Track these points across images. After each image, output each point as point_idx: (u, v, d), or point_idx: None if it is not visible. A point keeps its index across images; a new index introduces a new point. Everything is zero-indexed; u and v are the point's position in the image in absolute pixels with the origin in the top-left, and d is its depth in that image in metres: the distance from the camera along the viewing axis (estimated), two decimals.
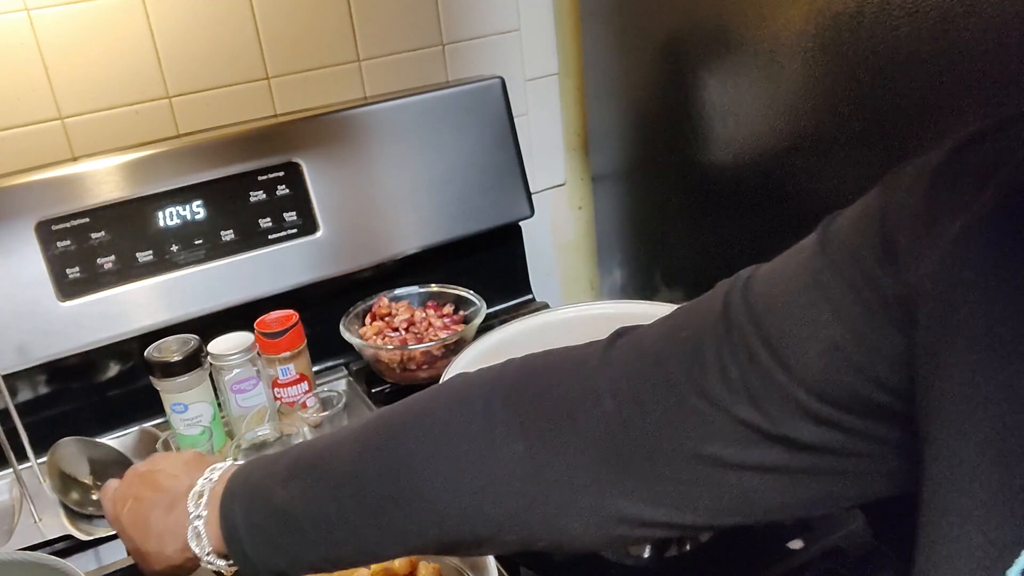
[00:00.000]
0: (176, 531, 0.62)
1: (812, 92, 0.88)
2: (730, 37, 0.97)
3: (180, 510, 0.62)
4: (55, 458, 0.93)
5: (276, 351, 1.00)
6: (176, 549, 0.62)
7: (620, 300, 0.98)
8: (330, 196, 1.13)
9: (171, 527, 0.62)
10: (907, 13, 0.76)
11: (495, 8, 1.28)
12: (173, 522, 0.62)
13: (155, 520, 0.64)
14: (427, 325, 1.12)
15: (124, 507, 0.67)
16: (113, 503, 0.69)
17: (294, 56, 1.16)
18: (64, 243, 1.01)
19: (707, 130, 1.05)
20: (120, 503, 0.68)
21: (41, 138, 1.05)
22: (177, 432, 0.95)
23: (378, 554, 0.60)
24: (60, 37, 1.02)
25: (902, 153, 0.80)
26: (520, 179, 1.26)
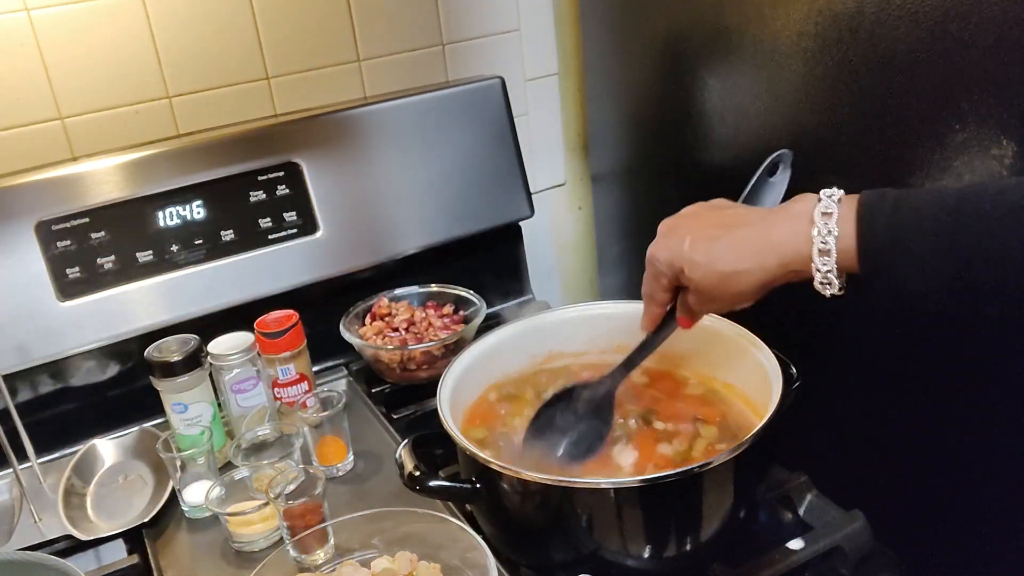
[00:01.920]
0: (783, 247, 0.67)
1: (812, 92, 0.88)
2: (730, 37, 0.97)
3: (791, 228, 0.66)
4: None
5: (276, 351, 1.00)
6: (779, 264, 0.67)
7: (620, 300, 0.98)
8: (330, 196, 1.13)
9: (775, 243, 0.67)
10: (907, 13, 0.76)
11: (495, 8, 1.28)
12: (779, 238, 0.67)
13: (750, 240, 0.69)
14: (427, 325, 1.12)
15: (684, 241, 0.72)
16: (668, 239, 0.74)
17: (294, 56, 1.16)
18: (64, 243, 1.01)
19: (707, 130, 1.05)
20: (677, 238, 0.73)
21: (41, 138, 1.05)
22: (177, 432, 0.95)
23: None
24: (60, 37, 1.02)
25: (902, 153, 0.80)
26: (520, 179, 1.26)
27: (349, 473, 0.96)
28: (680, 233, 0.73)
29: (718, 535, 0.76)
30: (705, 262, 0.70)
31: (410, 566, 0.76)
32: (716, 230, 0.71)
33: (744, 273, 0.69)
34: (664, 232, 0.76)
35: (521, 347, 0.96)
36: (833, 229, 0.64)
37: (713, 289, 0.71)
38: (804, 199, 0.68)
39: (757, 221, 0.70)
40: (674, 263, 0.73)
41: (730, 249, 0.70)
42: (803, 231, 0.66)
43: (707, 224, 0.73)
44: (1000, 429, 0.79)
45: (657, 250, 0.75)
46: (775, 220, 0.69)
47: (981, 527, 0.84)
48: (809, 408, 0.83)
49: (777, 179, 0.81)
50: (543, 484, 0.72)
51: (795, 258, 0.66)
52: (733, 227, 0.71)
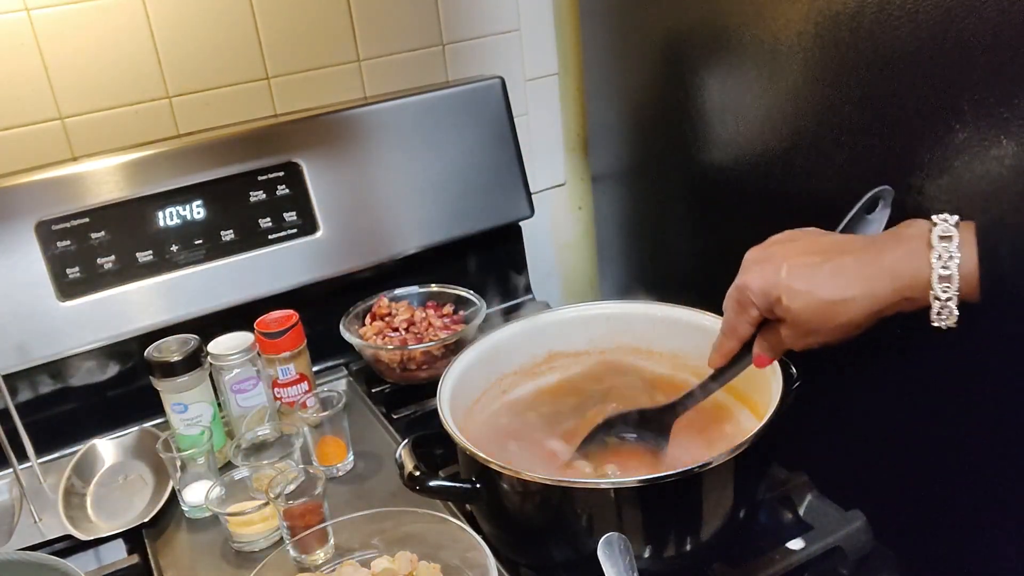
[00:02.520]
0: (897, 271, 0.62)
1: (812, 92, 0.88)
2: (730, 37, 0.97)
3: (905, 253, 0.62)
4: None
5: (276, 351, 1.00)
6: (892, 291, 0.63)
7: (620, 300, 0.98)
8: (330, 196, 1.13)
9: (887, 268, 0.63)
10: (907, 13, 0.76)
11: (495, 8, 1.28)
12: (892, 263, 0.63)
13: (857, 266, 0.64)
14: (427, 325, 1.12)
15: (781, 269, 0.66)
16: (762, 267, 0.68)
17: (294, 56, 1.16)
18: (64, 243, 1.01)
19: (707, 130, 1.05)
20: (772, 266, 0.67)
21: (41, 138, 1.05)
22: (177, 432, 0.95)
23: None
24: (60, 37, 1.02)
25: (902, 153, 0.80)
26: (520, 179, 1.26)
27: (349, 473, 0.96)
28: (775, 260, 0.68)
29: (718, 535, 0.76)
30: (806, 289, 0.65)
31: (410, 566, 0.76)
32: (817, 256, 0.66)
33: (851, 301, 0.64)
34: (755, 259, 0.70)
35: (521, 347, 0.96)
36: (955, 254, 0.60)
37: (813, 320, 0.66)
38: (915, 223, 0.64)
39: (864, 246, 0.66)
40: (770, 293, 0.68)
41: (835, 275, 0.65)
42: (920, 255, 0.61)
43: (805, 250, 0.68)
44: (1000, 429, 0.79)
45: (749, 279, 0.69)
46: (886, 244, 0.64)
47: (981, 527, 0.84)
48: (809, 408, 0.83)
49: (875, 217, 0.74)
50: (543, 484, 0.72)
51: (911, 284, 0.62)
52: (836, 253, 0.66)
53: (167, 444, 0.90)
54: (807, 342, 0.69)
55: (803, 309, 0.66)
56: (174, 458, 0.90)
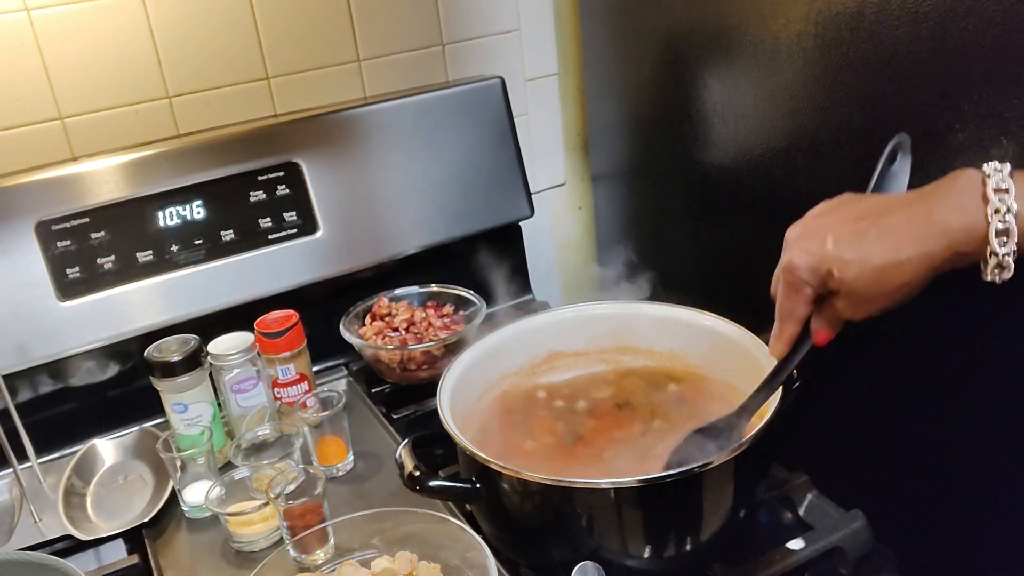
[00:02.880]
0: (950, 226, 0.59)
1: (812, 92, 0.88)
2: (730, 37, 0.97)
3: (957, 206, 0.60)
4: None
5: (276, 351, 1.00)
6: (946, 246, 0.60)
7: (620, 300, 0.98)
8: (330, 196, 1.13)
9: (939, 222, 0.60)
10: (907, 13, 0.76)
11: (495, 8, 1.28)
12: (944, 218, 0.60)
13: (906, 224, 0.61)
14: (427, 325, 1.12)
15: (827, 240, 0.64)
16: (806, 242, 0.65)
17: (294, 56, 1.16)
18: (64, 243, 1.01)
19: (707, 130, 1.05)
20: (816, 239, 0.64)
21: (41, 138, 1.05)
22: (177, 432, 0.95)
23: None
24: (60, 37, 1.02)
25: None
26: (520, 179, 1.26)
27: (349, 473, 0.96)
28: (818, 234, 0.65)
29: (718, 535, 0.76)
30: (857, 258, 0.62)
31: (410, 566, 0.76)
32: (861, 222, 0.63)
33: (905, 263, 0.61)
34: (797, 236, 0.68)
35: (521, 347, 0.96)
36: (1012, 206, 0.57)
37: (869, 288, 0.63)
38: (964, 174, 0.61)
39: (910, 202, 0.62)
40: (819, 267, 0.65)
41: (884, 238, 0.62)
42: (974, 209, 0.59)
43: (848, 218, 0.65)
44: (1000, 429, 0.79)
45: (795, 256, 0.66)
46: (935, 199, 0.61)
47: (981, 527, 0.84)
48: (809, 408, 0.83)
49: (898, 167, 0.71)
50: (543, 484, 0.72)
51: (966, 239, 0.59)
52: (882, 214, 0.63)
53: (167, 444, 0.90)
54: (867, 310, 0.66)
55: (857, 278, 0.63)
56: (174, 458, 0.90)
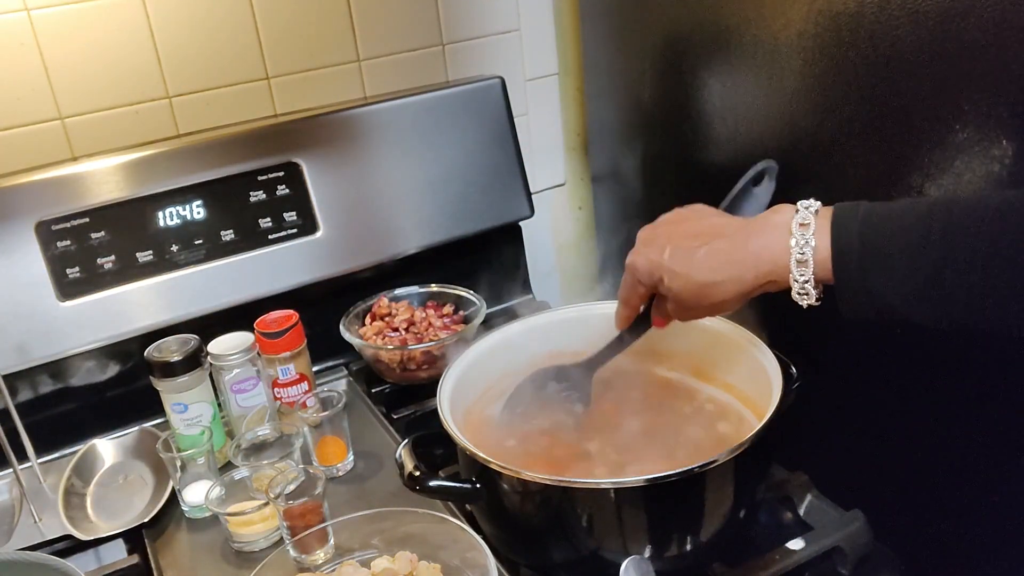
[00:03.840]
0: (761, 257, 0.67)
1: (812, 92, 0.88)
2: (730, 37, 0.97)
3: (769, 240, 0.67)
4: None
5: (276, 351, 1.00)
6: (757, 275, 0.68)
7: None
8: (330, 196, 1.14)
9: (752, 254, 0.68)
10: (907, 13, 0.76)
11: (495, 8, 1.28)
12: (757, 249, 0.68)
13: (728, 251, 0.69)
14: (427, 325, 1.12)
15: (664, 251, 0.73)
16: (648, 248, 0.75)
17: (294, 56, 1.16)
18: (64, 243, 1.01)
19: (707, 130, 1.05)
20: (656, 248, 0.74)
21: (41, 138, 1.05)
22: (177, 432, 0.95)
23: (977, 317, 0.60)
24: (60, 37, 1.02)
25: (902, 153, 0.80)
26: (520, 179, 1.26)
27: (349, 473, 0.96)
28: (660, 243, 0.74)
29: (718, 535, 0.76)
30: (684, 273, 0.72)
31: (410, 566, 0.76)
32: (695, 240, 0.72)
33: (721, 284, 0.70)
34: (644, 240, 0.77)
35: (521, 347, 0.96)
36: (810, 240, 0.65)
37: (691, 299, 0.72)
38: (782, 210, 0.68)
39: (735, 232, 0.71)
40: (654, 273, 0.74)
41: (708, 260, 0.70)
42: (781, 242, 0.66)
43: (686, 234, 0.73)
44: (1000, 429, 0.79)
45: (636, 259, 0.76)
46: (753, 231, 0.69)
47: (981, 527, 0.84)
48: (809, 408, 0.83)
49: (760, 191, 0.82)
50: (543, 484, 0.72)
51: (772, 269, 0.67)
52: (712, 237, 0.71)
53: (167, 444, 0.90)
54: (690, 315, 0.76)
55: (681, 289, 0.72)
56: (174, 458, 0.90)
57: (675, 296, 0.74)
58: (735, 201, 0.81)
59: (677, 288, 0.72)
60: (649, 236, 0.77)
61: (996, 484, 0.81)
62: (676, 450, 0.83)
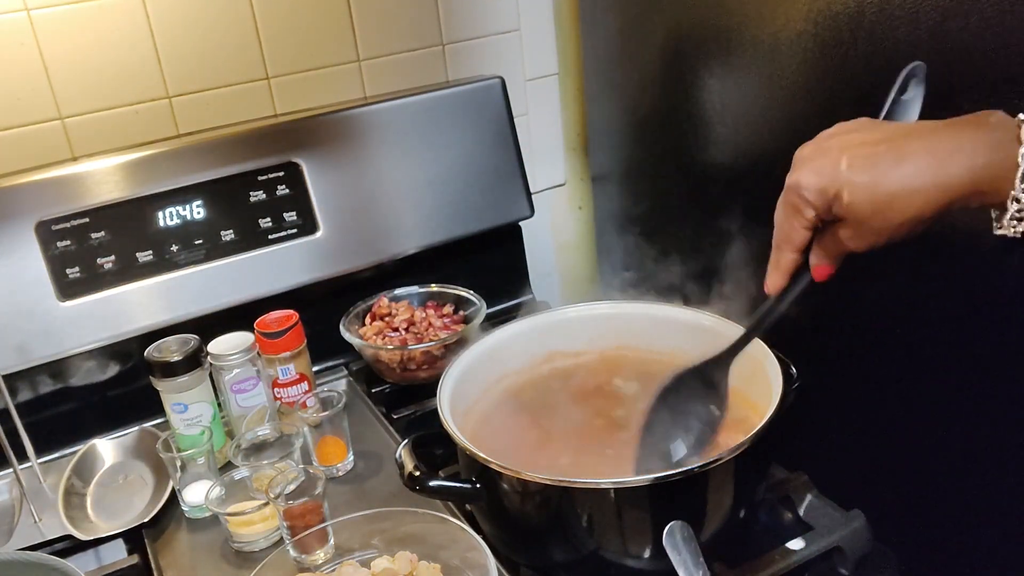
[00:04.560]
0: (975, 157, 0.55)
1: (812, 92, 0.88)
2: (730, 37, 0.97)
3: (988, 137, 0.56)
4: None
5: (276, 351, 1.00)
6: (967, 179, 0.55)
7: (620, 300, 0.98)
8: (330, 196, 1.14)
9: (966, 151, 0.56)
10: (907, 13, 0.76)
11: (495, 8, 1.28)
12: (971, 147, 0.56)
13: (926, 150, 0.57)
14: (427, 325, 1.12)
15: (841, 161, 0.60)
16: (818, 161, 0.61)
17: (294, 56, 1.16)
18: (64, 243, 1.01)
19: (707, 130, 1.05)
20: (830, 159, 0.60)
21: (41, 138, 1.05)
22: (177, 432, 0.95)
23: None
24: (60, 37, 1.02)
25: None
26: (520, 179, 1.26)
27: (349, 473, 0.96)
28: (832, 154, 0.61)
29: (718, 535, 0.76)
30: (871, 181, 0.58)
31: (410, 566, 0.76)
32: (879, 146, 0.59)
33: (920, 192, 0.57)
34: (808, 155, 0.63)
35: (521, 347, 0.96)
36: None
37: (876, 215, 0.59)
38: (997, 114, 0.57)
39: (935, 130, 0.58)
40: (827, 189, 0.60)
41: (901, 164, 0.57)
42: (1006, 147, 0.55)
43: (866, 140, 0.60)
44: (1000, 429, 0.79)
45: (803, 175, 0.62)
46: (964, 129, 0.57)
47: (981, 527, 0.84)
48: (809, 408, 0.83)
49: (910, 96, 0.67)
50: (543, 484, 0.72)
51: (990, 175, 0.55)
52: (902, 139, 0.59)
53: (167, 444, 0.90)
54: (870, 241, 0.62)
55: (865, 203, 0.59)
56: (174, 458, 0.90)
57: (856, 215, 0.60)
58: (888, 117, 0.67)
59: (860, 203, 0.59)
60: (815, 149, 0.63)
61: (996, 484, 0.81)
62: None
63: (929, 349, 0.83)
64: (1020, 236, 0.57)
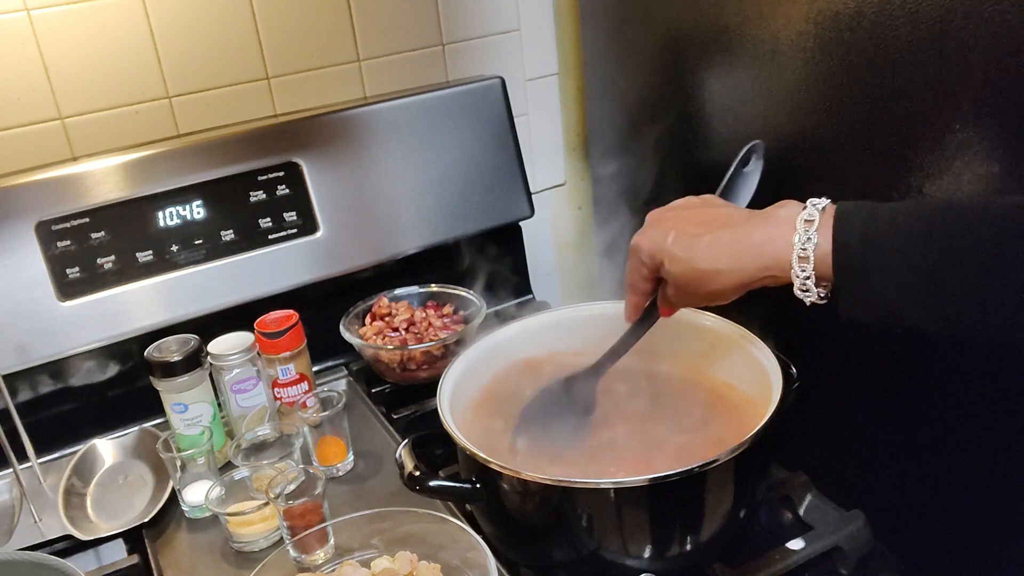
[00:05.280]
0: (764, 250, 0.67)
1: (812, 92, 0.88)
2: (730, 37, 0.97)
3: (772, 233, 0.67)
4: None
5: (276, 351, 1.00)
6: (757, 267, 0.68)
7: (620, 300, 0.98)
8: (330, 196, 1.14)
9: (755, 245, 0.68)
10: (907, 13, 0.76)
11: (495, 8, 1.28)
12: (760, 242, 0.68)
13: (730, 241, 0.69)
14: (427, 325, 1.12)
15: (668, 236, 0.73)
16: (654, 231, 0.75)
17: (294, 56, 1.16)
18: (64, 243, 1.01)
19: (707, 130, 1.05)
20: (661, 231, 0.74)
21: (41, 138, 1.05)
22: (177, 432, 0.95)
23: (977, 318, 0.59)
24: (60, 37, 1.02)
25: (902, 153, 0.80)
26: (520, 179, 1.26)
27: (349, 473, 0.96)
28: (665, 226, 0.75)
29: (718, 535, 0.76)
30: (686, 258, 0.72)
31: (410, 566, 0.76)
32: (699, 227, 0.72)
33: (721, 273, 0.70)
34: (650, 223, 0.77)
35: (521, 347, 0.96)
36: (813, 236, 0.65)
37: (690, 284, 0.73)
38: (789, 205, 0.68)
39: (740, 223, 0.71)
40: (656, 256, 0.74)
41: (710, 248, 0.71)
42: (784, 236, 0.66)
43: (692, 221, 0.74)
44: (1000, 429, 0.79)
45: (641, 240, 0.76)
46: (758, 223, 0.69)
47: (981, 527, 0.84)
48: (809, 408, 0.83)
49: (750, 169, 0.82)
50: (543, 484, 0.72)
51: (774, 263, 0.67)
52: (717, 226, 0.71)
53: (167, 444, 0.90)
54: (689, 302, 0.76)
55: (681, 274, 0.73)
56: (174, 458, 0.90)
57: (675, 280, 0.74)
58: (729, 185, 0.81)
59: (677, 272, 0.73)
60: (656, 219, 0.77)
61: (996, 484, 0.81)
62: (676, 450, 0.83)
63: (929, 349, 0.83)
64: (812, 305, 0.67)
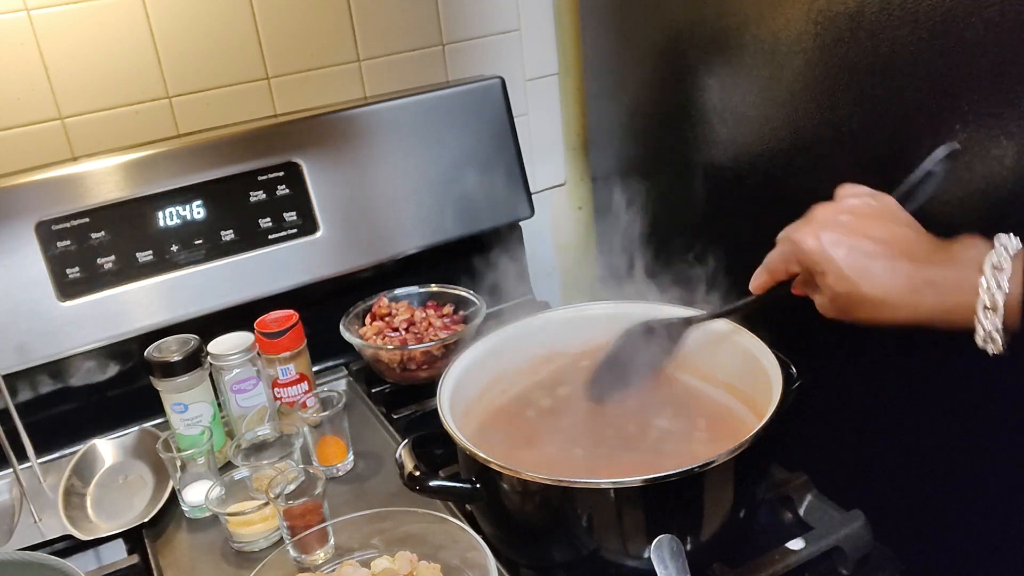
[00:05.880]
0: (945, 294, 0.61)
1: (812, 92, 0.88)
2: (730, 37, 0.97)
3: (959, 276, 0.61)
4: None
5: (276, 351, 1.00)
6: (935, 311, 0.62)
7: (620, 300, 0.98)
8: (330, 196, 1.14)
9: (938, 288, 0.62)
10: (907, 13, 0.76)
11: (495, 8, 1.28)
12: (942, 283, 0.62)
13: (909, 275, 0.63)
14: (427, 325, 1.12)
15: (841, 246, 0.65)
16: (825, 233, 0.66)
17: (294, 56, 1.16)
18: (64, 243, 1.01)
19: (707, 130, 1.05)
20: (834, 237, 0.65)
21: (41, 138, 1.05)
22: (177, 432, 0.95)
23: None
24: (60, 37, 1.02)
25: (902, 153, 0.80)
26: (520, 179, 1.26)
27: (349, 473, 0.96)
28: (837, 232, 0.66)
29: (718, 535, 0.76)
30: (854, 279, 0.64)
31: (410, 566, 0.76)
32: (879, 246, 0.64)
33: (890, 307, 0.63)
34: (820, 221, 0.68)
35: (521, 347, 0.96)
36: (1004, 285, 0.59)
37: (850, 307, 0.66)
38: (975, 244, 0.63)
39: (923, 256, 0.64)
40: (819, 264, 0.66)
41: (884, 275, 0.63)
42: (970, 281, 0.60)
43: (870, 235, 0.65)
44: (1001, 428, 0.79)
45: (806, 239, 0.67)
46: (942, 262, 0.63)
47: (981, 527, 0.84)
48: (809, 408, 0.83)
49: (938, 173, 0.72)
50: (543, 484, 0.72)
51: (954, 308, 0.61)
52: (898, 251, 0.64)
53: (167, 444, 0.90)
54: (834, 315, 0.69)
55: (843, 295, 0.65)
56: (174, 458, 0.90)
57: (833, 296, 0.66)
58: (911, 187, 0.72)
59: (841, 291, 0.65)
60: (827, 219, 0.68)
61: (996, 485, 0.81)
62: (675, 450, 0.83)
63: (929, 348, 0.83)
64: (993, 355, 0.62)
